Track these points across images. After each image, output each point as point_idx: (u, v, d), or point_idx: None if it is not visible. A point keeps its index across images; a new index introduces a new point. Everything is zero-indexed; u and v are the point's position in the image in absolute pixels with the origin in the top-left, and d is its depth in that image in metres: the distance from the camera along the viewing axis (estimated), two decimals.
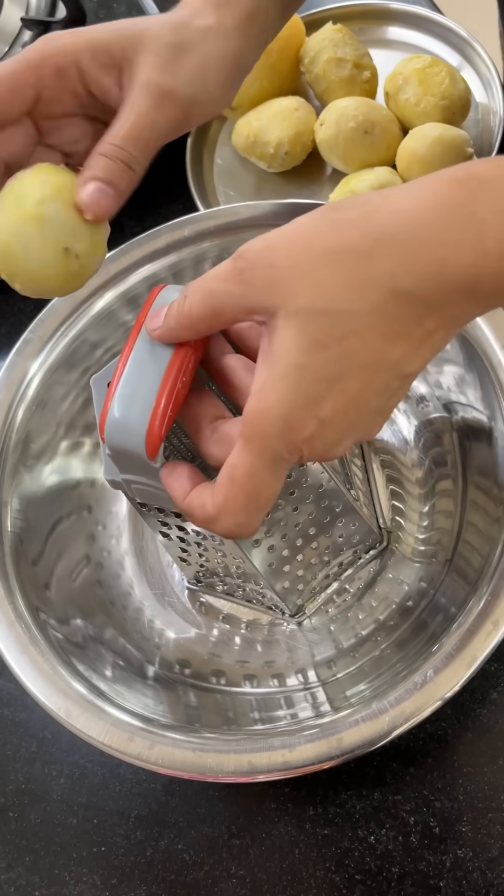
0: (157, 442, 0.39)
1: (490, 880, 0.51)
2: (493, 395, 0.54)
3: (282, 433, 0.37)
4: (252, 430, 0.37)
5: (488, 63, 0.75)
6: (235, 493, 0.38)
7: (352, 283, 0.35)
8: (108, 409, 0.40)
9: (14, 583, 0.54)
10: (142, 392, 0.39)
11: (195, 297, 0.39)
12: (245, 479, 0.38)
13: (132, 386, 0.40)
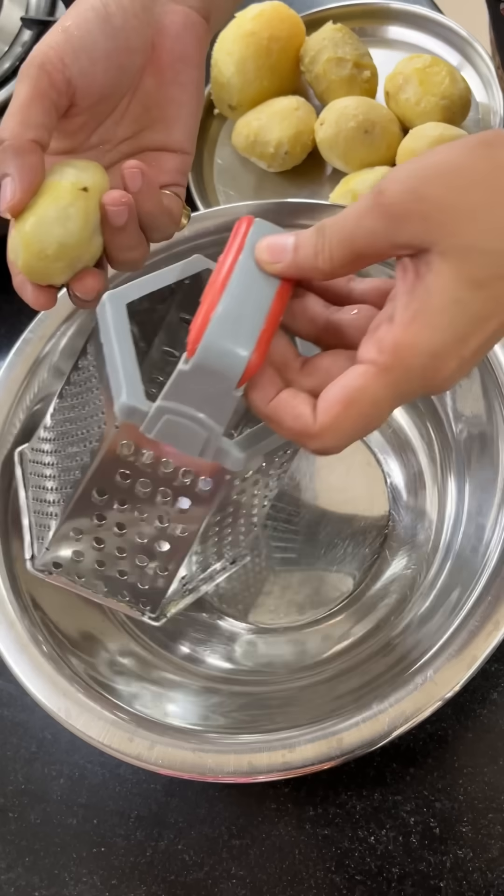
0: (254, 368, 0.38)
1: (490, 880, 0.51)
2: (494, 394, 0.55)
3: (424, 369, 0.36)
4: (395, 361, 0.36)
5: (488, 63, 0.75)
6: (352, 416, 0.37)
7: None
8: (211, 323, 0.37)
9: (14, 582, 0.54)
10: (248, 317, 0.38)
11: (334, 239, 0.38)
12: (368, 406, 0.37)
13: (238, 308, 0.38)
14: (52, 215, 0.41)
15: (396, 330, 0.36)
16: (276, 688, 0.57)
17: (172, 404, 0.40)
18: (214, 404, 0.39)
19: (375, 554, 0.61)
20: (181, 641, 0.60)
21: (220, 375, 0.38)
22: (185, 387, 0.39)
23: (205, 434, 0.40)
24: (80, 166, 0.43)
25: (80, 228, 0.42)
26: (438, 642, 0.48)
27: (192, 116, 0.48)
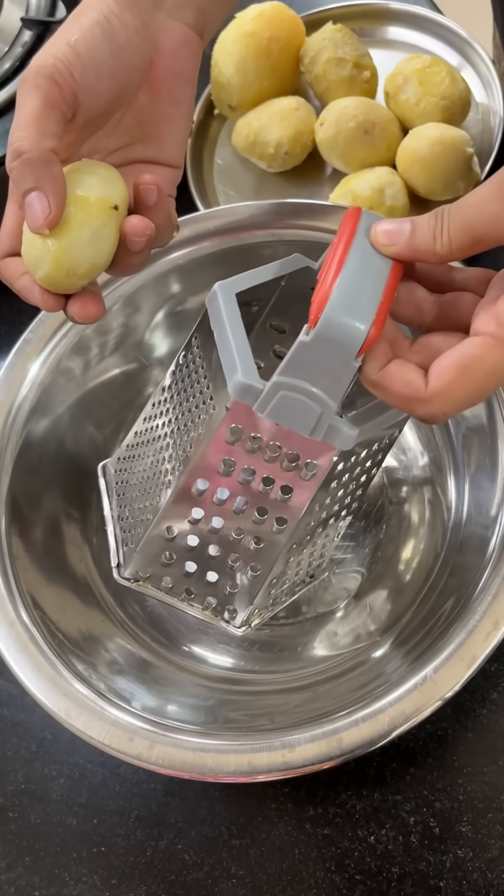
0: (372, 341, 0.39)
1: (490, 880, 0.51)
2: (494, 394, 0.55)
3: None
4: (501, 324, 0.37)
5: (488, 63, 0.75)
6: (467, 384, 0.38)
7: None
8: (333, 294, 0.39)
9: (14, 582, 0.54)
10: (367, 291, 0.39)
11: (455, 224, 0.39)
12: (484, 375, 0.38)
13: (357, 283, 0.39)
14: (87, 236, 0.41)
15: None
16: (276, 687, 0.57)
17: (289, 379, 0.41)
18: (331, 377, 0.40)
19: (375, 554, 0.61)
20: (181, 641, 0.60)
21: (340, 346, 0.39)
22: (303, 360, 0.40)
23: (318, 410, 0.41)
24: (102, 175, 0.43)
25: (111, 249, 0.42)
26: (438, 642, 0.48)
27: (183, 132, 0.48)
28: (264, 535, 0.47)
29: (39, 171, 0.40)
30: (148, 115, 0.46)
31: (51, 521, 0.60)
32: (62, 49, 0.42)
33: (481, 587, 0.49)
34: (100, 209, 0.41)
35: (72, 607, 0.57)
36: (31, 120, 0.40)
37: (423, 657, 0.48)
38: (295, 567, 0.52)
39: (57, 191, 0.40)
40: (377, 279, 0.40)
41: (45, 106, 0.40)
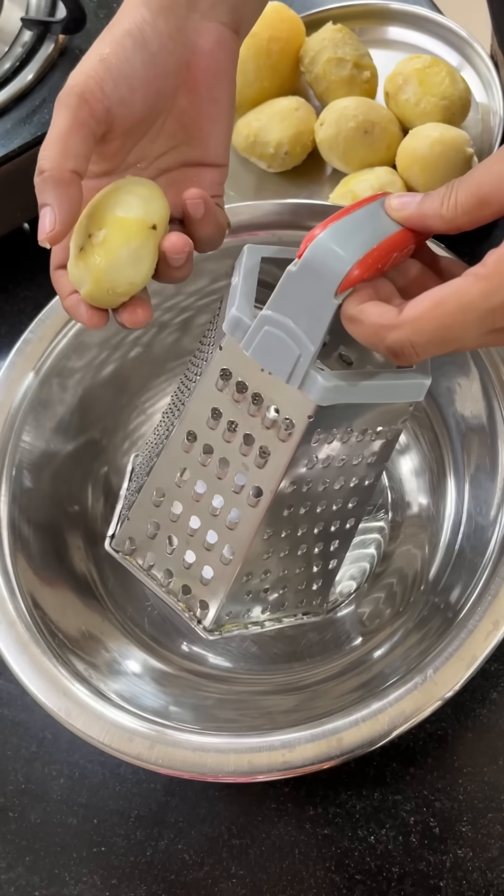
0: (354, 280, 0.39)
1: (490, 880, 0.51)
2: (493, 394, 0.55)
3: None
4: (492, 271, 0.37)
5: (488, 63, 0.75)
6: (436, 315, 0.38)
7: None
8: (327, 229, 0.40)
9: (14, 582, 0.54)
10: (363, 235, 0.40)
11: (461, 185, 0.39)
12: (456, 308, 0.38)
13: (356, 227, 0.40)
14: (125, 256, 0.43)
15: (501, 248, 0.37)
16: (276, 687, 0.57)
17: (274, 314, 0.42)
18: (311, 315, 0.41)
19: (376, 553, 0.61)
20: (181, 641, 0.60)
21: (322, 278, 0.39)
22: (289, 294, 0.41)
23: (297, 351, 0.41)
24: (142, 194, 0.44)
25: (150, 268, 0.44)
26: (438, 642, 0.48)
27: (226, 131, 0.49)
28: (241, 507, 0.46)
29: (55, 189, 0.41)
30: (190, 117, 0.47)
31: (51, 521, 0.60)
32: (93, 65, 0.42)
33: (481, 587, 0.49)
34: (138, 230, 0.43)
35: (72, 607, 0.57)
36: (56, 139, 0.41)
37: (423, 657, 0.48)
38: (276, 568, 0.50)
39: (65, 209, 0.41)
40: (377, 232, 0.41)
41: (72, 125, 0.41)
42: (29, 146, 0.69)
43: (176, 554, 0.50)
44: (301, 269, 0.40)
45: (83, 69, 0.42)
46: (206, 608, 0.49)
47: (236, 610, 0.50)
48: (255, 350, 0.43)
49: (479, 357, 0.55)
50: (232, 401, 0.45)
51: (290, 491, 0.46)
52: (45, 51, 0.72)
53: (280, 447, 0.44)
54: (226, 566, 0.48)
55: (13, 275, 0.77)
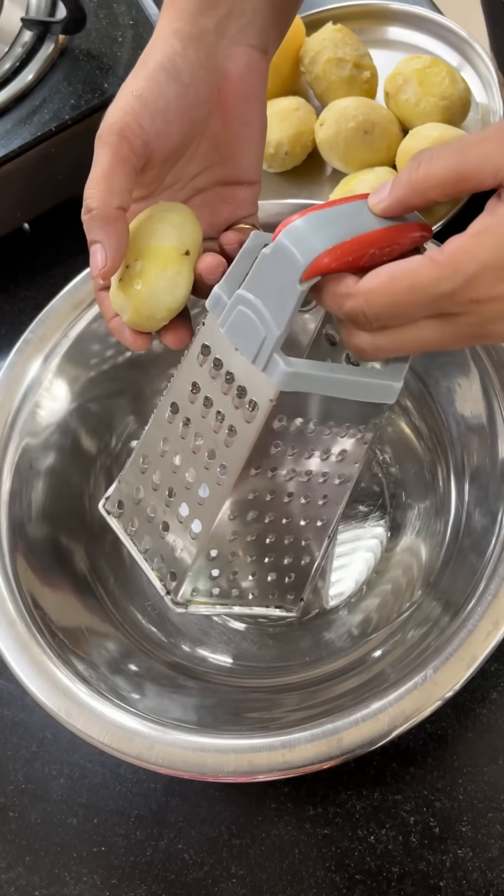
0: (322, 269, 0.40)
1: (490, 880, 0.51)
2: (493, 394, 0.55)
3: (473, 277, 0.38)
4: (449, 259, 0.38)
5: (488, 63, 0.75)
6: (388, 290, 0.39)
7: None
8: (304, 216, 0.40)
9: (14, 582, 0.54)
10: (339, 228, 0.40)
11: (436, 161, 0.39)
12: (406, 286, 0.39)
13: (335, 218, 0.41)
14: (163, 286, 0.45)
15: (462, 236, 0.38)
16: (276, 687, 0.57)
17: (247, 294, 0.43)
18: (279, 299, 0.41)
19: (375, 553, 0.61)
20: (181, 641, 0.60)
21: (291, 262, 0.40)
22: (261, 275, 0.42)
23: (263, 333, 0.42)
24: (174, 222, 0.46)
25: (186, 291, 0.46)
26: (438, 642, 0.48)
27: (258, 150, 0.50)
28: (210, 483, 0.47)
29: (104, 227, 0.43)
30: (222, 138, 0.48)
31: (51, 521, 0.60)
32: (129, 101, 0.44)
33: (481, 587, 0.49)
34: (173, 258, 0.45)
35: (72, 607, 0.57)
36: (101, 177, 0.43)
37: (423, 657, 0.48)
38: (244, 553, 0.50)
39: (114, 246, 0.43)
40: (356, 226, 0.41)
41: (115, 162, 0.43)
42: (29, 146, 0.69)
43: (154, 522, 0.50)
44: (273, 252, 0.41)
45: (120, 106, 0.44)
46: (174, 580, 0.49)
47: (204, 588, 0.50)
48: (228, 328, 0.44)
49: (479, 357, 0.55)
50: (209, 376, 0.46)
51: (255, 474, 0.46)
52: (45, 51, 0.72)
53: (245, 428, 0.45)
54: (194, 540, 0.48)
55: (13, 275, 0.77)
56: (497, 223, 0.38)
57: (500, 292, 0.38)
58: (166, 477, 0.49)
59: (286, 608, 0.54)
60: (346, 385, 0.44)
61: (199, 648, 0.60)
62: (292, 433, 0.45)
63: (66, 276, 0.63)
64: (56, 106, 0.70)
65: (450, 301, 0.39)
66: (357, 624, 0.59)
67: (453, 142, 0.40)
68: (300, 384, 0.42)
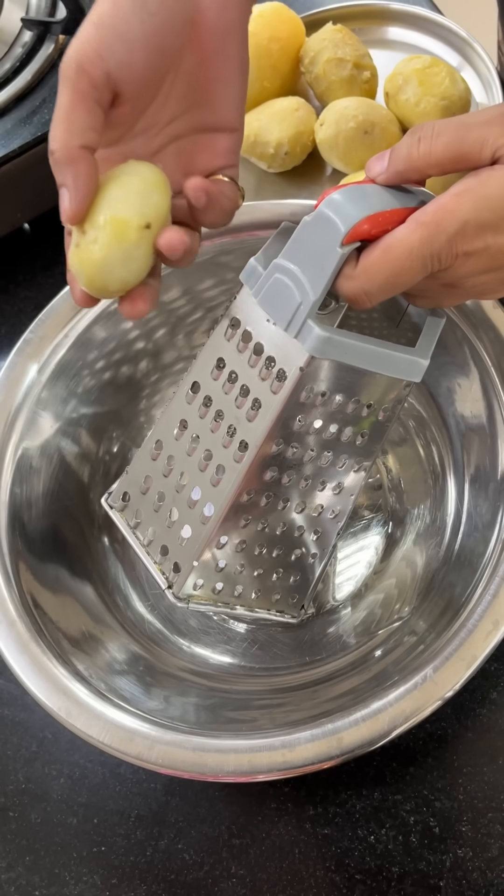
0: (362, 234, 0.41)
1: (490, 880, 0.51)
2: (493, 394, 0.55)
3: (454, 235, 0.40)
4: (432, 218, 0.40)
5: (488, 63, 0.75)
6: (385, 262, 0.41)
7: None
8: (345, 188, 0.42)
9: (14, 582, 0.54)
10: (375, 200, 0.42)
11: (437, 140, 0.41)
12: (401, 254, 0.41)
13: (371, 192, 0.43)
14: (118, 258, 0.42)
15: (445, 196, 0.41)
16: (276, 687, 0.57)
17: (285, 262, 0.44)
18: (318, 264, 0.42)
19: (375, 554, 0.61)
20: (181, 640, 0.60)
21: (332, 227, 0.41)
22: (301, 243, 0.43)
23: (299, 299, 0.43)
24: (139, 189, 0.42)
25: (143, 266, 0.43)
26: (438, 642, 0.49)
27: (238, 92, 0.47)
28: (227, 461, 0.47)
29: (65, 169, 0.41)
30: (198, 77, 0.45)
31: (51, 521, 0.60)
32: (87, 31, 0.41)
33: (481, 587, 0.49)
34: (131, 231, 0.42)
35: (72, 607, 0.57)
36: (61, 117, 0.41)
37: (423, 657, 0.48)
38: (252, 542, 0.49)
39: (80, 188, 0.41)
40: (388, 202, 0.43)
41: (75, 98, 0.41)
42: (29, 146, 0.69)
43: (162, 511, 0.50)
44: (314, 219, 0.42)
45: (79, 37, 0.41)
46: (178, 571, 0.49)
47: (207, 582, 0.50)
48: (262, 297, 0.45)
49: (479, 357, 0.55)
50: (236, 350, 0.46)
51: (275, 452, 0.46)
52: (45, 51, 0.72)
53: (271, 399, 0.45)
54: (203, 525, 0.48)
55: (13, 275, 0.77)
56: (478, 185, 0.40)
57: (475, 247, 0.41)
58: (179, 460, 0.49)
59: (287, 613, 0.54)
60: (376, 357, 0.44)
61: (200, 648, 0.60)
62: (316, 408, 0.46)
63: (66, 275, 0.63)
64: None
65: (438, 259, 0.41)
66: (357, 624, 0.59)
67: (454, 120, 0.42)
68: (332, 351, 0.43)
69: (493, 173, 0.41)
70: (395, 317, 0.51)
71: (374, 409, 0.48)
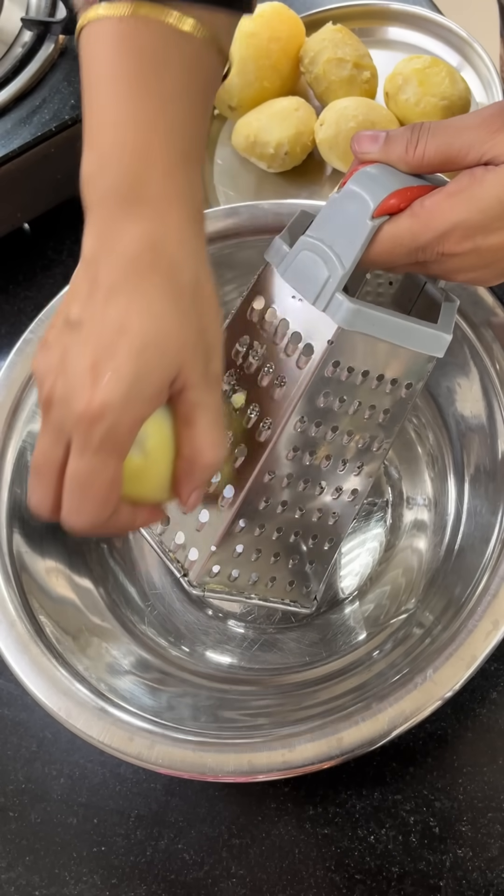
0: (391, 208, 0.43)
1: (490, 880, 0.51)
2: (493, 394, 0.55)
3: (441, 235, 0.42)
4: (423, 213, 0.43)
5: (488, 63, 0.75)
6: (380, 243, 0.44)
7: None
8: (374, 164, 0.44)
9: (14, 583, 0.54)
10: (397, 178, 0.44)
11: (433, 140, 0.43)
12: (390, 239, 0.43)
13: (392, 173, 0.44)
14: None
15: (439, 195, 0.43)
16: (276, 687, 0.57)
17: (312, 237, 0.45)
18: (347, 238, 0.44)
19: (376, 553, 0.61)
20: (181, 641, 0.60)
21: (363, 201, 0.43)
22: (329, 217, 0.45)
23: (327, 273, 0.44)
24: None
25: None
26: (438, 642, 0.49)
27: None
28: (250, 442, 0.46)
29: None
30: None
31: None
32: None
33: (481, 587, 0.49)
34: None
35: (72, 607, 0.57)
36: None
37: (423, 657, 0.48)
38: (270, 526, 0.49)
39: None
40: (407, 180, 0.45)
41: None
42: (29, 146, 0.69)
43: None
44: (343, 194, 0.44)
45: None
46: (193, 559, 0.49)
47: (224, 568, 0.49)
48: (289, 273, 0.45)
49: (479, 357, 0.55)
50: (259, 328, 0.46)
51: (299, 431, 0.46)
52: (45, 51, 0.72)
53: (297, 374, 0.45)
54: (223, 509, 0.48)
55: (13, 275, 0.77)
56: (471, 185, 0.42)
57: (463, 249, 0.43)
58: None
59: (301, 603, 0.53)
60: (401, 330, 0.45)
61: (200, 649, 0.60)
62: (341, 384, 0.46)
63: (66, 276, 0.62)
64: (56, 106, 0.70)
65: (423, 252, 0.43)
66: (357, 624, 0.59)
67: (446, 123, 0.43)
68: (360, 323, 0.44)
69: (487, 175, 0.42)
70: (406, 305, 0.51)
71: (398, 385, 0.48)
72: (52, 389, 0.38)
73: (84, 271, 0.40)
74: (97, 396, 0.37)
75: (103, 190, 0.40)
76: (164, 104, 0.41)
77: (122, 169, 0.40)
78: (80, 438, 0.38)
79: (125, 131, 0.41)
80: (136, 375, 0.37)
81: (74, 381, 0.37)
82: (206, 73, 0.44)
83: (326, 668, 0.56)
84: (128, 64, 0.41)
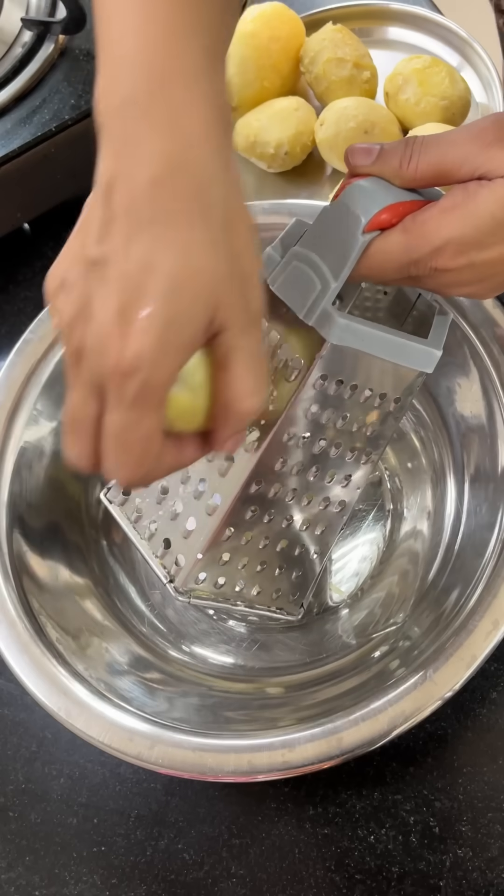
0: (382, 223, 0.43)
1: (490, 880, 0.51)
2: (493, 394, 0.55)
3: (434, 251, 0.42)
4: (417, 228, 0.42)
5: (488, 63, 0.75)
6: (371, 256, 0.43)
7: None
8: (367, 178, 0.44)
9: (14, 583, 0.54)
10: (389, 193, 0.44)
11: (423, 157, 0.43)
12: (381, 254, 0.43)
13: (384, 187, 0.44)
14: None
15: (432, 210, 0.42)
16: (276, 687, 0.57)
17: (303, 250, 0.44)
18: (338, 252, 0.43)
19: (375, 554, 0.61)
20: (182, 641, 0.60)
21: (354, 215, 0.43)
22: (320, 231, 0.45)
23: (318, 286, 0.43)
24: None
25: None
26: (438, 642, 0.49)
27: None
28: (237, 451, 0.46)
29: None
30: None
31: (51, 521, 0.60)
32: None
33: (481, 587, 0.49)
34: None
35: (72, 607, 0.57)
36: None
37: (423, 657, 0.48)
38: (258, 535, 0.49)
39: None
40: (399, 194, 0.44)
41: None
42: (29, 146, 0.69)
43: (166, 504, 0.50)
44: (335, 207, 0.43)
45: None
46: (180, 565, 0.49)
47: (210, 575, 0.49)
48: (280, 285, 0.45)
49: (479, 357, 0.55)
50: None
51: (287, 441, 0.46)
52: (45, 51, 0.72)
53: (285, 387, 0.45)
54: (210, 516, 0.47)
55: (13, 275, 0.77)
56: (464, 201, 0.41)
57: (457, 265, 0.42)
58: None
59: (287, 610, 0.53)
60: (391, 346, 0.45)
61: (200, 649, 0.60)
62: (329, 398, 0.46)
63: None
64: (56, 106, 0.70)
65: (415, 267, 0.43)
66: (357, 623, 0.59)
67: (441, 136, 0.43)
68: (351, 339, 0.43)
69: (480, 190, 0.41)
70: (401, 315, 0.51)
71: (387, 399, 0.48)
72: (82, 340, 0.36)
73: (101, 198, 0.36)
74: (129, 348, 0.34)
75: (119, 100, 0.36)
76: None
77: (137, 73, 0.36)
78: (114, 393, 0.35)
79: (136, 24, 0.37)
80: (169, 322, 0.34)
81: (102, 331, 0.35)
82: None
83: (326, 668, 0.56)
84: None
